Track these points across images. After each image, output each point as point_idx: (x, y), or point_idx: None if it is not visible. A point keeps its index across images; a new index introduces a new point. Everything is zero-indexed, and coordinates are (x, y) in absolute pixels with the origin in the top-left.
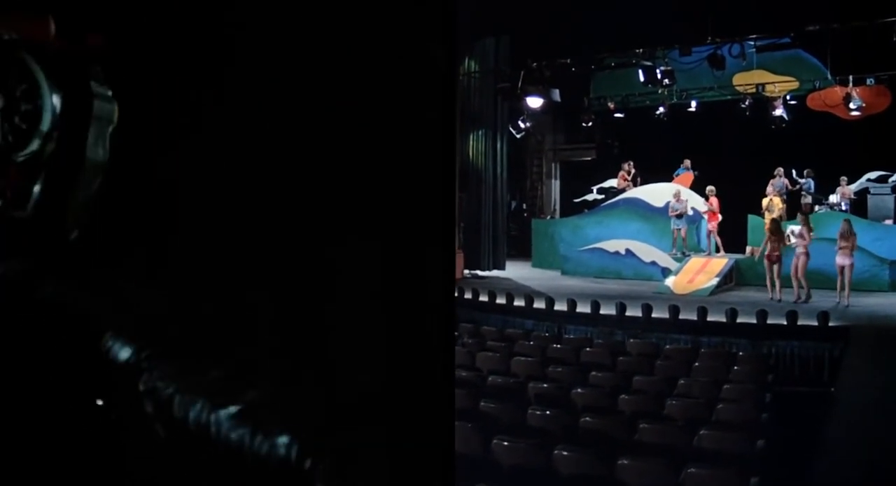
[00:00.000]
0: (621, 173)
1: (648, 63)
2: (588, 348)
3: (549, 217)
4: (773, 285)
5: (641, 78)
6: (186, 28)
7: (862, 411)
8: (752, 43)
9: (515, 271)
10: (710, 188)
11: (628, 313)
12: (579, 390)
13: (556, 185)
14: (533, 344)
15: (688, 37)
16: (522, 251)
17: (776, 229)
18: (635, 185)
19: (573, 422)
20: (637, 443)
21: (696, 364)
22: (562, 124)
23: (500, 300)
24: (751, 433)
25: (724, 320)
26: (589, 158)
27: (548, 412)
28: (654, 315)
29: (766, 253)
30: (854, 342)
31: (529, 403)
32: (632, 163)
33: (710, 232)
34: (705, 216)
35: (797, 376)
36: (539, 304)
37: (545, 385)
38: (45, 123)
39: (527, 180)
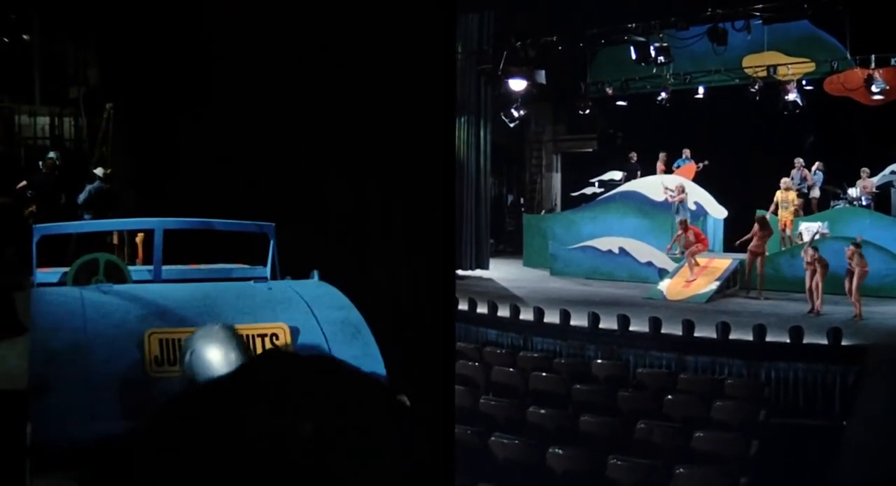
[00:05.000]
0: (659, 165)
1: (641, 39)
2: (543, 373)
3: (543, 212)
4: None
5: (633, 55)
6: None
7: (880, 451)
8: (758, 15)
9: (503, 270)
10: (681, 220)
11: (603, 324)
12: (504, 439)
13: (556, 178)
14: (478, 366)
15: (685, 8)
16: (519, 249)
17: (764, 223)
18: (634, 177)
19: None
20: None
21: (670, 397)
22: (563, 114)
23: (463, 306)
24: None
25: (714, 335)
26: (591, 150)
27: None
28: (632, 328)
29: (749, 247)
30: (872, 365)
31: None
32: (635, 155)
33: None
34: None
35: (801, 407)
36: (504, 312)
37: (466, 430)
38: None
39: (526, 173)
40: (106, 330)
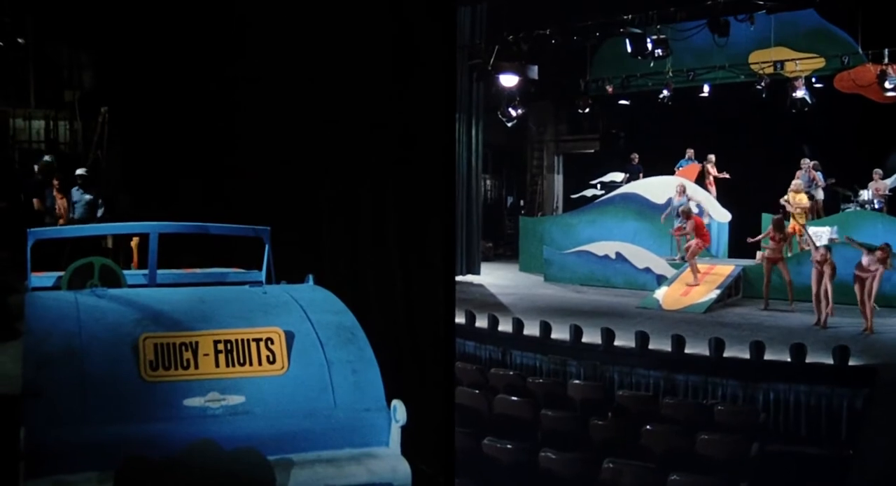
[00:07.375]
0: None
1: (637, 30)
2: (512, 398)
3: (541, 214)
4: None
5: (629, 48)
6: None
7: (891, 484)
8: (762, 3)
9: (496, 275)
10: (684, 209)
11: (588, 338)
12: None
13: (558, 179)
14: None
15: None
16: (518, 253)
17: (779, 226)
18: (636, 178)
19: None
20: None
21: (648, 428)
22: (564, 114)
23: None
24: None
25: (706, 352)
26: (593, 150)
27: None
28: (619, 343)
29: (765, 253)
30: (883, 388)
31: None
32: (637, 156)
33: (687, 248)
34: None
35: (802, 434)
36: (482, 322)
37: None
38: None
39: (526, 174)
40: (100, 334)
